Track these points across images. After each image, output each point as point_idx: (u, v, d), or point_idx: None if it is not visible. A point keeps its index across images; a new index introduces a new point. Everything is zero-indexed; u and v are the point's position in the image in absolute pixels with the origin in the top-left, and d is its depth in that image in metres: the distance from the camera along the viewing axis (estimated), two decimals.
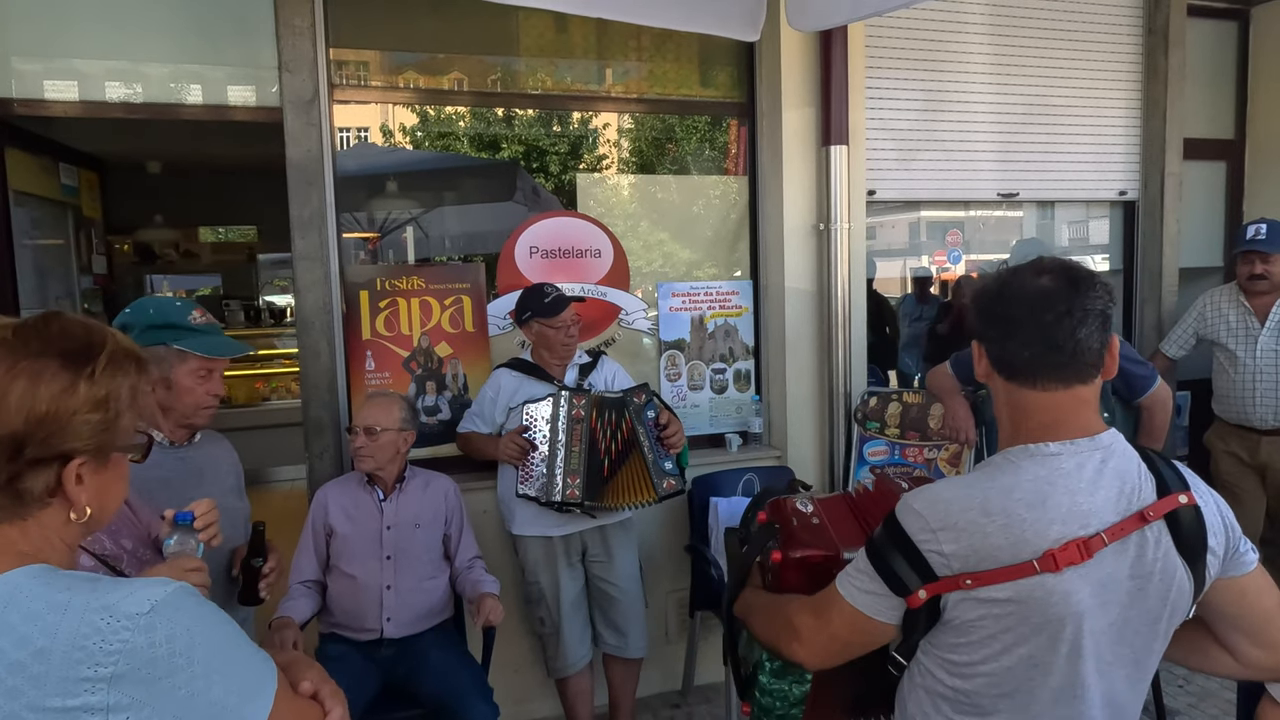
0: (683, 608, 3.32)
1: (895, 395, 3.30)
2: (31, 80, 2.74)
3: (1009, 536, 1.09)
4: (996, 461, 1.19)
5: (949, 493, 1.16)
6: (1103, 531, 1.10)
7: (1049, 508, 1.11)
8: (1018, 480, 1.14)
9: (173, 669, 0.82)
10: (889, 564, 1.14)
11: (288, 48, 2.82)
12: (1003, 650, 1.12)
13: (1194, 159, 4.04)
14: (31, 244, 3.44)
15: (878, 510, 1.42)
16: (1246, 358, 3.34)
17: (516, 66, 3.39)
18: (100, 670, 0.79)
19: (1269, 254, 3.27)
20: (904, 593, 1.13)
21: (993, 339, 1.21)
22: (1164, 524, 1.13)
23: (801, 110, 3.29)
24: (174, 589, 0.86)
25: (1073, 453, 1.15)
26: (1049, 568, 1.08)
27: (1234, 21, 4.28)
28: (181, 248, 7.54)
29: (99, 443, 0.93)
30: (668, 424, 2.74)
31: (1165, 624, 1.17)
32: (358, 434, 2.47)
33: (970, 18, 3.63)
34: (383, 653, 2.48)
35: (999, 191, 3.81)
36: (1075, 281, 1.17)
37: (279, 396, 6.60)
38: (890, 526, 1.17)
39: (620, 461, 2.68)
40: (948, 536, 1.11)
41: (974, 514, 1.12)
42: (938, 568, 1.11)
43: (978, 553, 1.10)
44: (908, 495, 1.19)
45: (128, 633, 0.81)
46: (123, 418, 0.95)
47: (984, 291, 1.24)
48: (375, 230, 4.00)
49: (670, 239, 3.55)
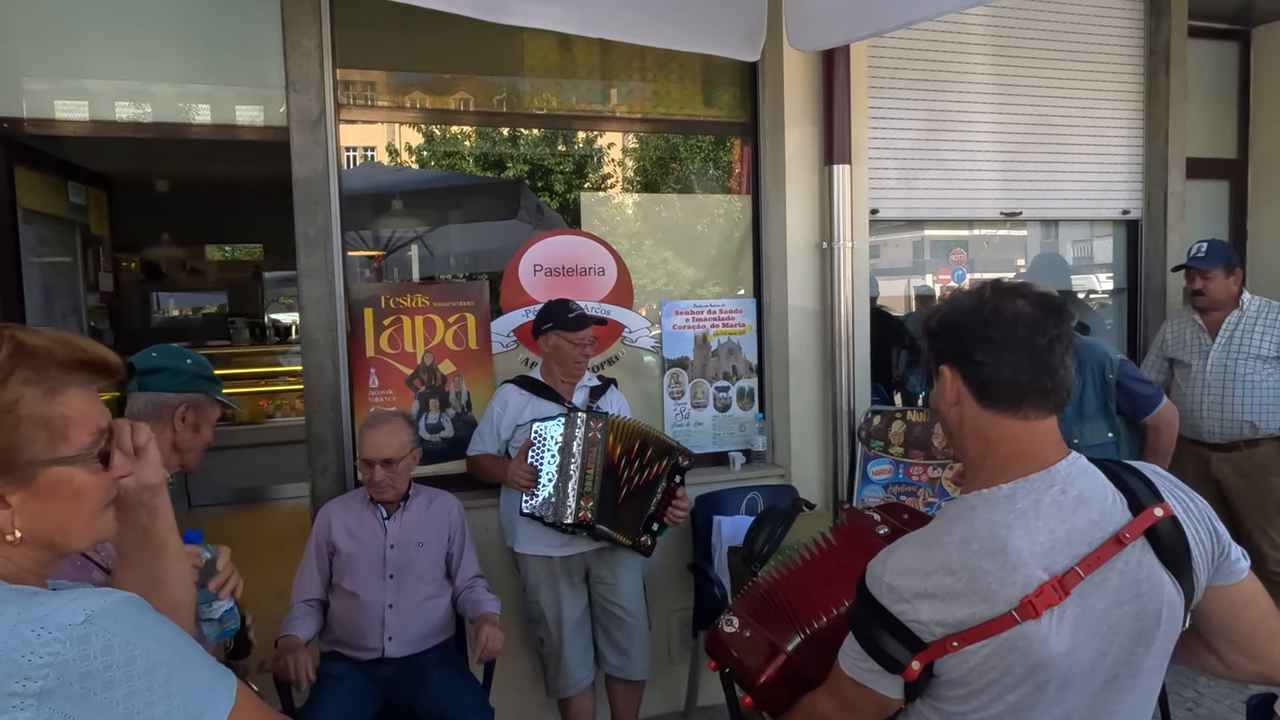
0: (685, 627, 3.29)
1: (899, 413, 3.30)
2: (42, 100, 2.77)
3: (978, 591, 1.06)
4: (952, 512, 1.16)
5: (913, 559, 1.12)
6: (1076, 565, 1.06)
7: (1010, 554, 1.07)
8: (973, 530, 1.10)
9: (109, 683, 0.77)
10: (878, 645, 1.11)
11: (295, 68, 2.85)
12: (992, 700, 1.10)
13: (1197, 178, 4.05)
14: (39, 261, 3.47)
15: (851, 552, 1.42)
16: (1198, 372, 3.41)
17: (521, 86, 3.42)
18: (28, 685, 0.74)
19: (1207, 270, 3.35)
20: (898, 669, 1.10)
21: (980, 364, 1.14)
22: (1144, 540, 1.10)
23: (804, 129, 3.31)
24: (116, 598, 0.82)
25: (1026, 491, 1.11)
26: (1029, 615, 1.04)
27: (1235, 42, 4.30)
28: (188, 265, 7.59)
29: (5, 458, 0.84)
30: (682, 499, 2.72)
31: (1161, 642, 1.14)
32: (375, 468, 2.44)
33: (972, 38, 3.66)
34: (383, 671, 2.46)
35: (1002, 210, 3.82)
36: (1055, 307, 1.14)
37: (283, 414, 6.60)
38: (867, 602, 1.13)
39: (635, 497, 2.67)
40: (923, 605, 1.08)
41: (939, 576, 1.08)
42: (923, 635, 1.08)
43: (955, 614, 1.07)
44: (874, 565, 1.15)
45: (59, 644, 0.76)
46: (23, 427, 0.85)
47: (970, 312, 1.16)
48: (380, 248, 4.01)
49: (674, 257, 3.57)
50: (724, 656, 1.45)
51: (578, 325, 2.73)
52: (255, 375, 6.66)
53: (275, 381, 6.71)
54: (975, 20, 3.65)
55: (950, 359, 1.18)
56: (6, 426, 0.84)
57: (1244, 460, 3.35)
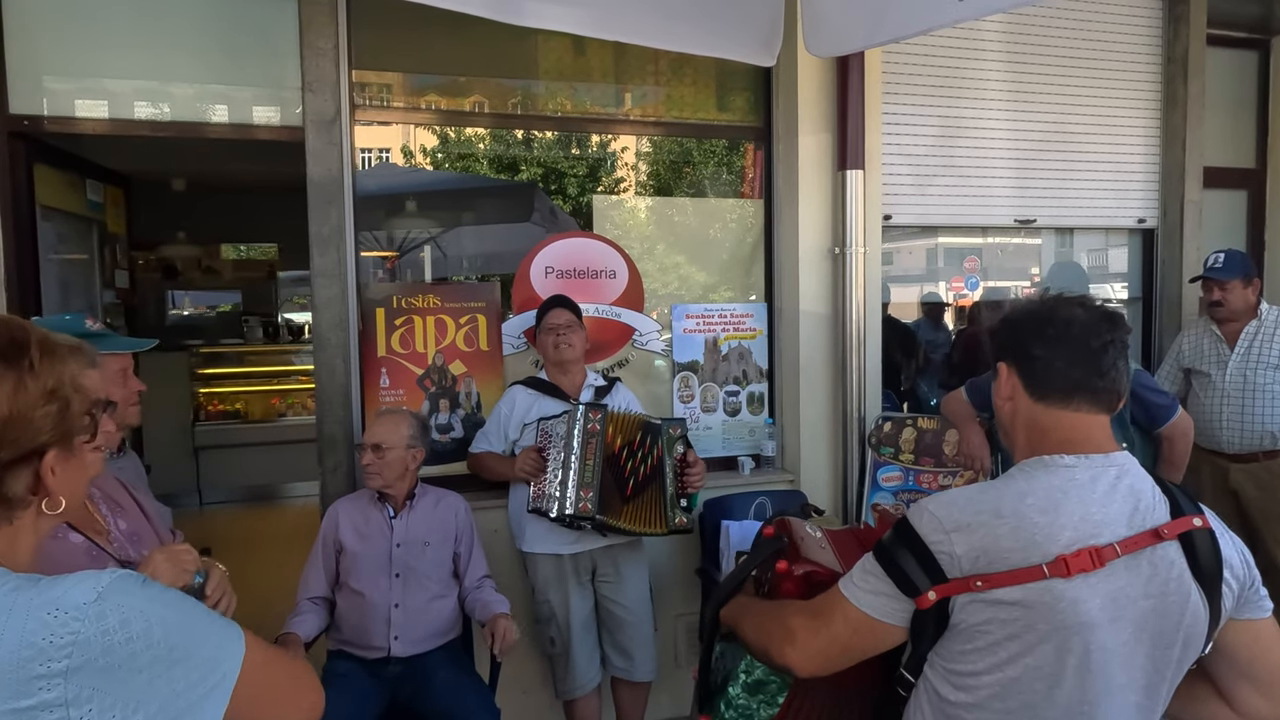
0: (692, 632, 3.28)
1: (910, 420, 3.28)
2: (62, 99, 2.81)
3: (1020, 539, 1.10)
4: (1011, 472, 1.21)
5: (962, 497, 1.18)
6: (1116, 543, 1.10)
7: (1061, 514, 1.11)
8: (1031, 487, 1.15)
9: (131, 653, 0.80)
10: (898, 564, 1.14)
11: (311, 69, 2.87)
12: (1009, 659, 1.11)
13: (1214, 187, 4.02)
14: (57, 258, 3.50)
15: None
16: (1217, 382, 3.38)
17: (536, 90, 3.43)
18: (54, 665, 0.77)
19: (1225, 280, 3.33)
20: (913, 593, 1.13)
21: (1036, 358, 1.21)
22: (1179, 546, 1.12)
23: (818, 135, 3.30)
24: (119, 574, 0.85)
25: (1087, 466, 1.16)
26: (1060, 572, 1.07)
27: (1254, 51, 4.26)
28: (203, 264, 7.64)
29: (61, 432, 0.93)
30: (694, 464, 2.73)
31: (1179, 652, 1.14)
32: (365, 451, 2.48)
33: (988, 44, 3.64)
34: (390, 671, 2.46)
35: (1016, 218, 3.80)
36: (1111, 315, 1.22)
37: (294, 412, 6.64)
38: (901, 529, 1.17)
39: (644, 486, 2.67)
40: (960, 537, 1.11)
41: (986, 515, 1.12)
42: (948, 569, 1.11)
43: (988, 553, 1.10)
44: (921, 500, 1.20)
45: (77, 623, 0.79)
46: (73, 403, 0.95)
47: (1031, 313, 1.24)
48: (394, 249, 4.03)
49: (686, 261, 3.56)
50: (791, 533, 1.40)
51: (545, 309, 2.81)
52: (268, 374, 6.71)
53: (287, 380, 6.74)
54: (991, 26, 3.64)
55: (1008, 355, 1.26)
56: (59, 404, 0.93)
57: (1262, 471, 3.31)
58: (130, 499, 1.66)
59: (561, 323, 2.79)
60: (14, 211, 2.82)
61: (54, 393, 0.92)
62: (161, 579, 1.28)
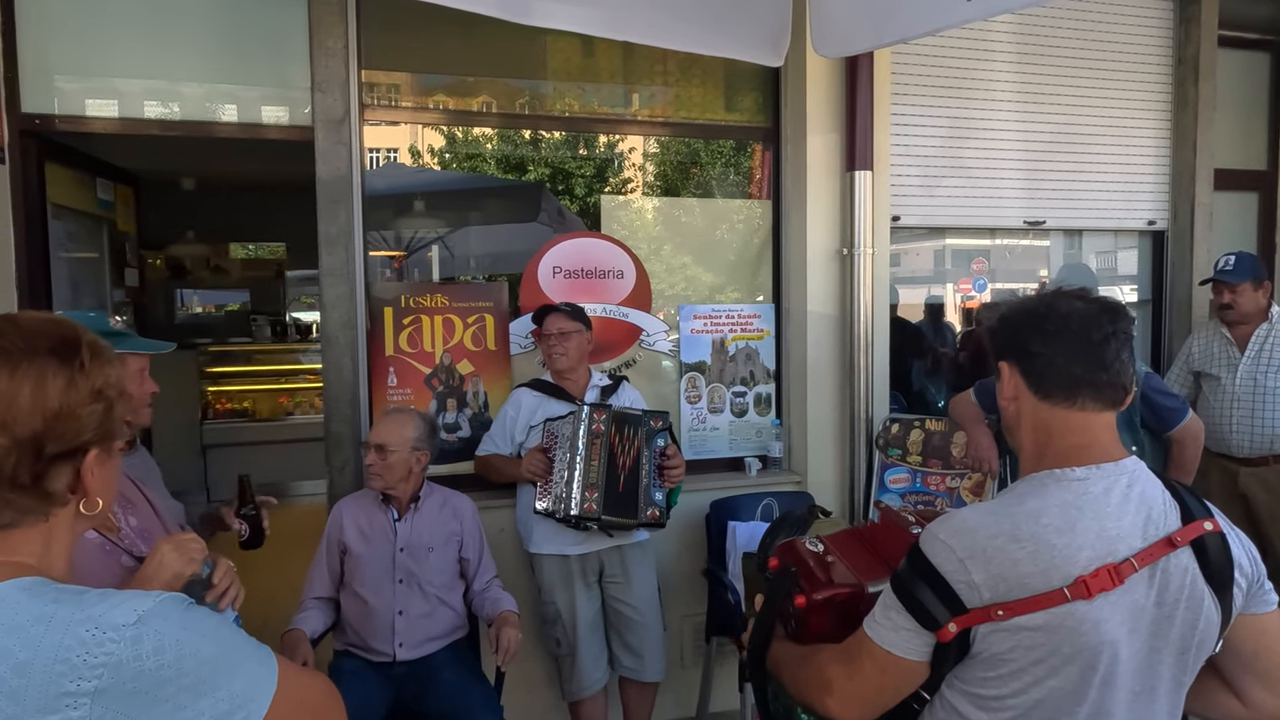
0: (698, 632, 3.28)
1: (918, 422, 3.27)
2: (73, 98, 2.82)
3: (1039, 563, 1.07)
4: (1022, 488, 1.17)
5: (975, 520, 1.13)
6: (1133, 557, 1.08)
7: (1078, 533, 1.08)
8: (1045, 505, 1.11)
9: (160, 681, 0.80)
10: (916, 598, 1.10)
11: (320, 68, 2.87)
12: (1034, 682, 1.09)
13: (1225, 189, 3.99)
14: (67, 257, 3.51)
15: (887, 544, 1.38)
16: (1227, 385, 3.37)
17: (544, 90, 3.43)
18: (83, 684, 0.77)
19: (1235, 284, 3.32)
20: (934, 627, 1.09)
21: (1035, 355, 1.18)
22: (1191, 551, 1.11)
23: (826, 135, 3.30)
24: (162, 598, 0.85)
25: (1099, 477, 1.13)
26: (1081, 595, 1.05)
27: (1266, 53, 4.24)
28: (212, 263, 7.66)
29: (104, 431, 0.95)
30: (673, 457, 2.73)
31: (1193, 655, 1.14)
32: (369, 451, 2.47)
33: (997, 45, 3.63)
34: (395, 671, 2.47)
35: (1025, 219, 3.78)
36: (1113, 308, 1.18)
37: (302, 411, 6.65)
38: (915, 559, 1.13)
39: (630, 477, 2.67)
40: (976, 565, 1.08)
41: (1002, 540, 1.09)
42: (967, 599, 1.08)
43: (1008, 581, 1.07)
44: (932, 525, 1.15)
45: (113, 644, 0.79)
46: (116, 405, 0.97)
47: (1028, 310, 1.22)
48: (402, 249, 4.05)
49: (693, 262, 3.56)
50: (796, 559, 1.36)
51: (538, 318, 2.84)
52: (276, 373, 6.72)
53: (295, 379, 6.76)
54: (1000, 27, 3.62)
55: (1009, 354, 1.23)
56: (105, 404, 0.95)
57: (1272, 475, 3.29)
58: (141, 495, 1.66)
59: (554, 332, 2.79)
60: (25, 209, 2.84)
61: (100, 393, 0.94)
62: (169, 568, 1.29)
